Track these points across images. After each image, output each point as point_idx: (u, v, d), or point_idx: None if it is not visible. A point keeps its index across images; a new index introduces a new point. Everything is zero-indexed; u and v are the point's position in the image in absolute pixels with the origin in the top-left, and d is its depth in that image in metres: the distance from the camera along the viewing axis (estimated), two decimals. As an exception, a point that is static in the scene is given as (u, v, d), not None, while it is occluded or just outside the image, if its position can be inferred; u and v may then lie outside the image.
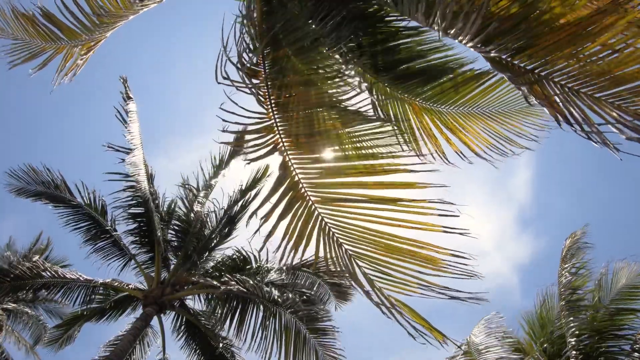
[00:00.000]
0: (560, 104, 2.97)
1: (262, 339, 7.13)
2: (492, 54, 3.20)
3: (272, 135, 4.19)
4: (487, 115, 4.91)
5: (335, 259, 3.91)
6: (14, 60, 4.67)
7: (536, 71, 3.07)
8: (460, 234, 3.54)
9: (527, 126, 4.86)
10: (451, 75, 4.87)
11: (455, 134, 5.04)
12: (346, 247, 3.88)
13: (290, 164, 4.10)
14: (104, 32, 4.71)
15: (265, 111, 4.23)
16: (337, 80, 5.14)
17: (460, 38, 3.22)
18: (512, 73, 3.14)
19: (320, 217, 3.95)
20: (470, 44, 3.22)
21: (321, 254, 4.01)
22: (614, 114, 2.79)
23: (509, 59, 3.17)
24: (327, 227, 3.93)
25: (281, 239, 3.90)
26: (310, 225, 3.94)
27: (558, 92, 3.04)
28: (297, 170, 4.07)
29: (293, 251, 3.91)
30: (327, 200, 3.98)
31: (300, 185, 4.01)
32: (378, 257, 3.76)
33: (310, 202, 3.97)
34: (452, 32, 3.17)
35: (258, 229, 3.87)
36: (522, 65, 3.12)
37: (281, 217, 3.94)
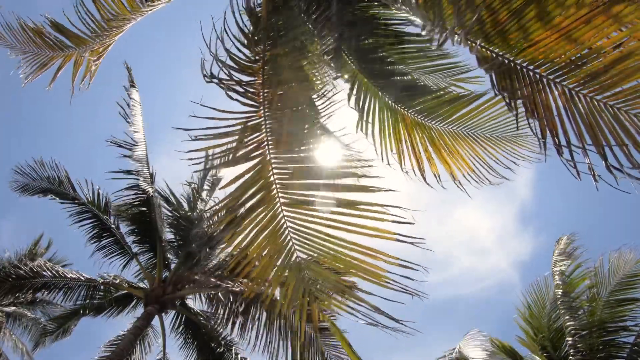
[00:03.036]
0: (556, 116, 2.99)
1: (267, 339, 7.12)
2: (490, 54, 3.21)
3: (258, 133, 4.12)
4: (473, 137, 4.85)
5: (280, 269, 3.78)
6: (25, 73, 4.66)
7: (537, 71, 3.08)
8: (412, 243, 3.44)
9: (511, 155, 4.80)
10: (444, 91, 4.85)
11: (439, 153, 4.98)
12: (299, 254, 3.78)
13: (270, 163, 4.04)
14: (113, 36, 4.75)
15: (254, 109, 4.18)
16: (332, 81, 5.19)
17: (457, 35, 3.22)
18: (509, 87, 3.15)
19: (283, 221, 3.84)
20: (467, 41, 3.22)
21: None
22: (610, 126, 2.86)
23: (511, 59, 3.19)
24: (285, 232, 3.82)
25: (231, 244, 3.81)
26: (269, 229, 3.83)
27: (557, 93, 3.07)
28: (275, 170, 4.01)
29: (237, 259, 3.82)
30: (296, 202, 3.88)
31: (274, 186, 3.94)
32: (325, 267, 3.72)
33: (278, 204, 3.88)
34: (449, 29, 3.18)
35: (228, 237, 3.80)
36: (524, 65, 3.13)
37: (242, 218, 3.82)
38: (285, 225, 3.83)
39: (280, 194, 3.91)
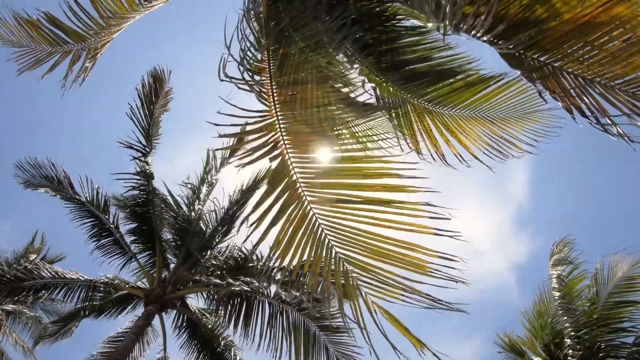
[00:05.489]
0: (575, 96, 3.00)
1: (271, 338, 7.10)
2: (505, 49, 3.22)
3: (273, 133, 4.15)
4: (489, 119, 4.91)
5: (324, 262, 3.82)
6: (22, 67, 4.63)
7: (549, 62, 3.09)
8: (451, 236, 3.51)
9: (528, 132, 4.86)
10: (454, 79, 4.86)
11: (456, 136, 5.07)
12: (337, 249, 3.83)
13: (289, 162, 4.08)
14: (111, 33, 4.72)
15: (267, 108, 4.20)
16: (341, 78, 5.18)
17: (472, 33, 3.23)
18: (526, 68, 3.15)
19: (314, 218, 3.90)
20: (483, 39, 3.23)
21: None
22: (629, 104, 2.84)
23: (522, 52, 3.21)
24: (319, 229, 3.88)
25: (274, 246, 3.83)
26: (303, 228, 3.88)
27: (572, 84, 3.07)
28: (296, 169, 4.04)
29: (282, 255, 3.85)
30: (323, 200, 3.94)
31: (298, 185, 3.98)
32: (367, 261, 3.73)
33: (306, 203, 3.93)
34: (464, 28, 3.18)
35: (254, 229, 3.83)
36: (535, 57, 3.15)
37: (276, 218, 3.87)
38: (318, 223, 3.89)
39: (306, 193, 3.96)
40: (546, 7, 2.93)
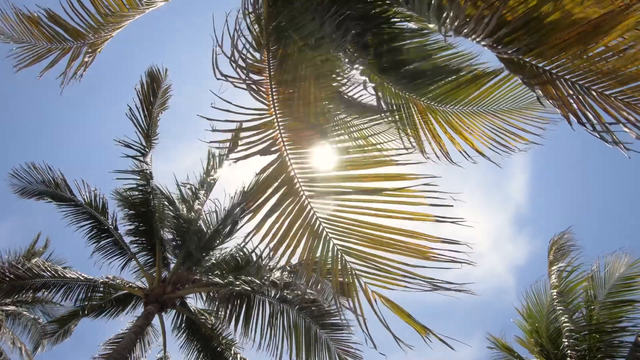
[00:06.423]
0: (573, 103, 3.03)
1: (271, 337, 7.10)
2: (504, 54, 3.24)
3: (271, 130, 4.18)
4: (492, 113, 4.93)
5: (322, 255, 3.81)
6: (20, 63, 4.64)
7: (547, 68, 3.13)
8: (454, 222, 3.41)
9: (531, 121, 4.89)
10: (456, 76, 4.89)
11: (460, 133, 5.07)
12: (335, 241, 3.82)
13: (288, 159, 4.10)
14: (110, 31, 4.73)
15: (265, 107, 4.22)
16: (341, 78, 5.19)
17: (472, 37, 3.25)
18: (525, 73, 3.17)
19: (311, 212, 3.90)
20: (483, 43, 3.26)
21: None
22: (624, 113, 2.87)
23: (520, 57, 3.23)
24: (317, 222, 3.87)
25: (266, 236, 3.82)
26: (300, 221, 3.88)
27: (570, 90, 3.10)
28: (294, 165, 4.07)
29: (275, 249, 3.83)
30: (320, 194, 3.94)
31: (295, 180, 4.00)
32: (366, 250, 3.70)
33: (304, 197, 3.94)
34: (465, 31, 3.20)
35: (256, 229, 3.83)
36: (533, 63, 3.18)
37: (272, 210, 3.88)
38: (315, 217, 3.88)
39: (304, 188, 3.97)
40: (548, 14, 2.95)
